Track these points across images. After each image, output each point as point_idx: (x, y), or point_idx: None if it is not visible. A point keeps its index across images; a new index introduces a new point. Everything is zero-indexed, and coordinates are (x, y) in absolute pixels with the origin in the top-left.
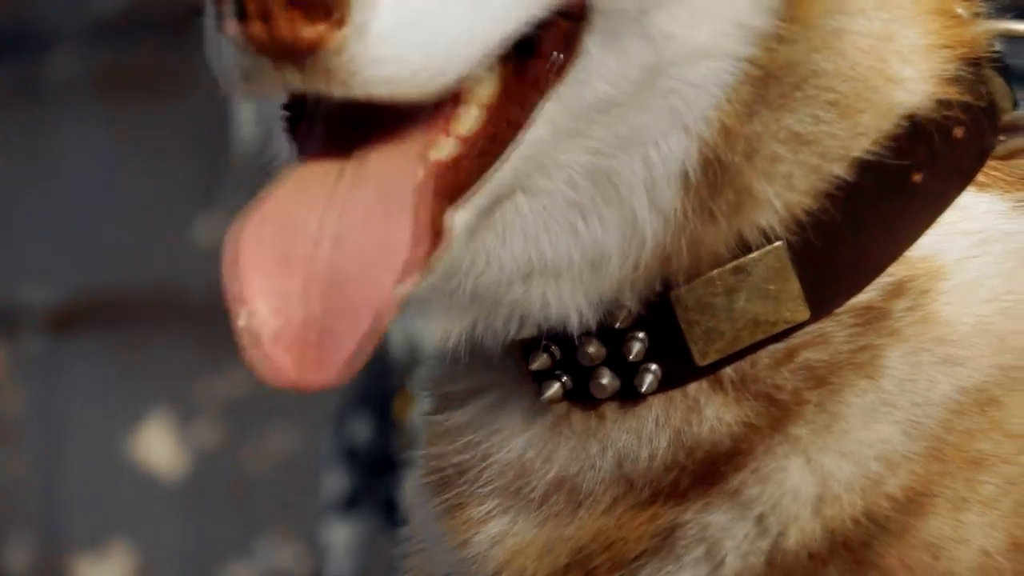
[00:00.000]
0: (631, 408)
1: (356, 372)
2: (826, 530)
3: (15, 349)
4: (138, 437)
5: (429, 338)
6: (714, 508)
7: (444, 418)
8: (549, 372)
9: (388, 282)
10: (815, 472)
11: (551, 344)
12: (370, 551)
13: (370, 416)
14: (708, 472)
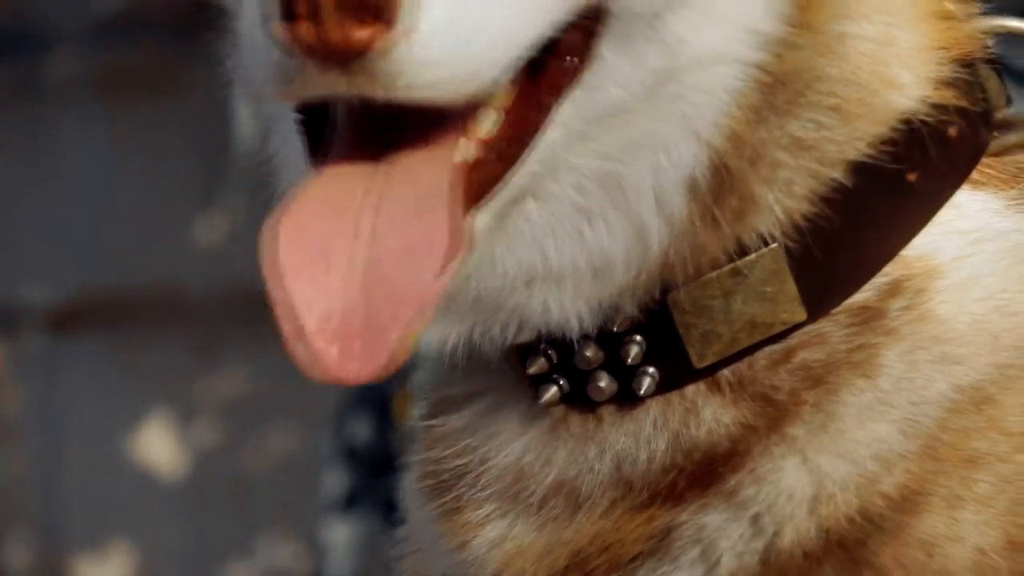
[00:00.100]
0: (629, 411)
1: (398, 366)
2: (821, 529)
3: (15, 348)
4: (138, 437)
5: (426, 341)
6: (710, 509)
7: (440, 422)
8: (546, 376)
9: (429, 276)
10: (811, 472)
11: (548, 348)
12: (370, 551)
13: (370, 416)
14: (705, 473)
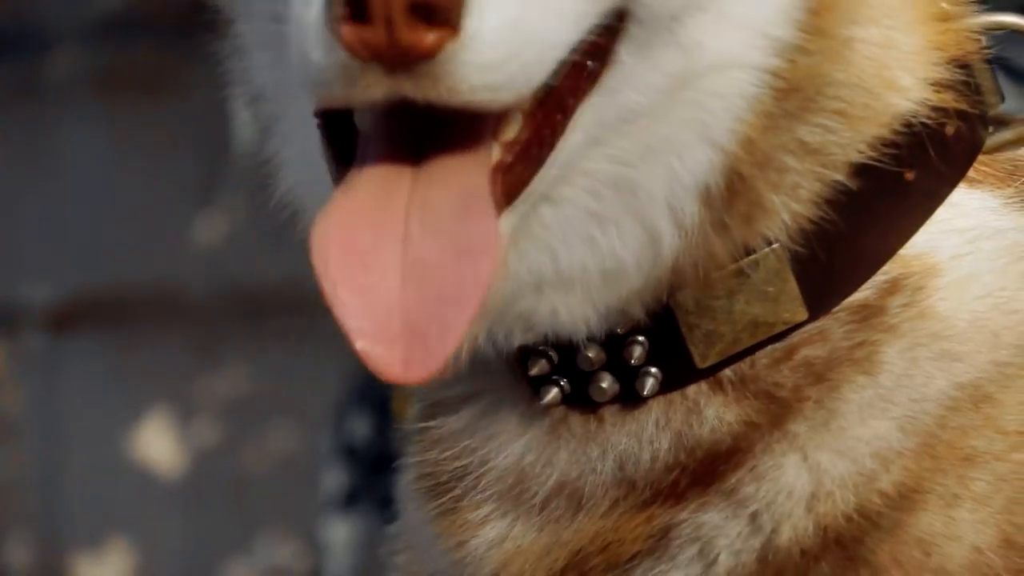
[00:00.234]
0: (630, 411)
1: (457, 364)
2: (818, 527)
3: (15, 348)
4: (138, 436)
5: None
6: (710, 507)
7: (438, 424)
8: (546, 377)
9: (485, 272)
10: (811, 469)
11: (549, 349)
12: (369, 549)
13: (369, 414)
14: (707, 471)
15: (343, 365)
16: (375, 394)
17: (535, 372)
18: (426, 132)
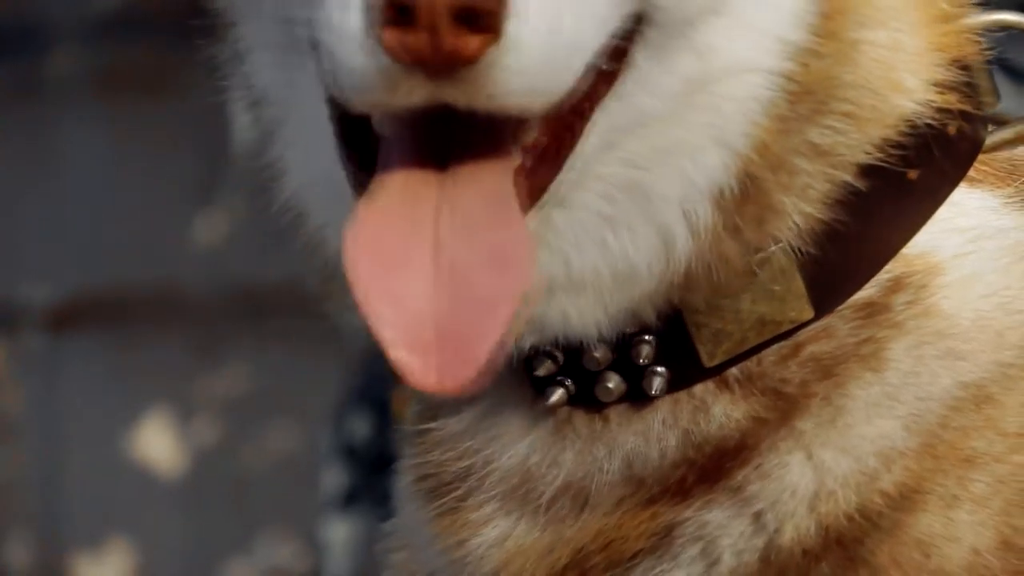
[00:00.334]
0: (636, 411)
1: (496, 371)
2: (820, 527)
3: (15, 347)
4: (137, 435)
5: None
6: (715, 505)
7: (439, 426)
8: (551, 377)
9: (518, 278)
10: (815, 468)
11: (556, 350)
12: (368, 548)
13: (369, 413)
14: (715, 468)
15: (343, 365)
16: (375, 394)
17: (541, 373)
18: (450, 137)
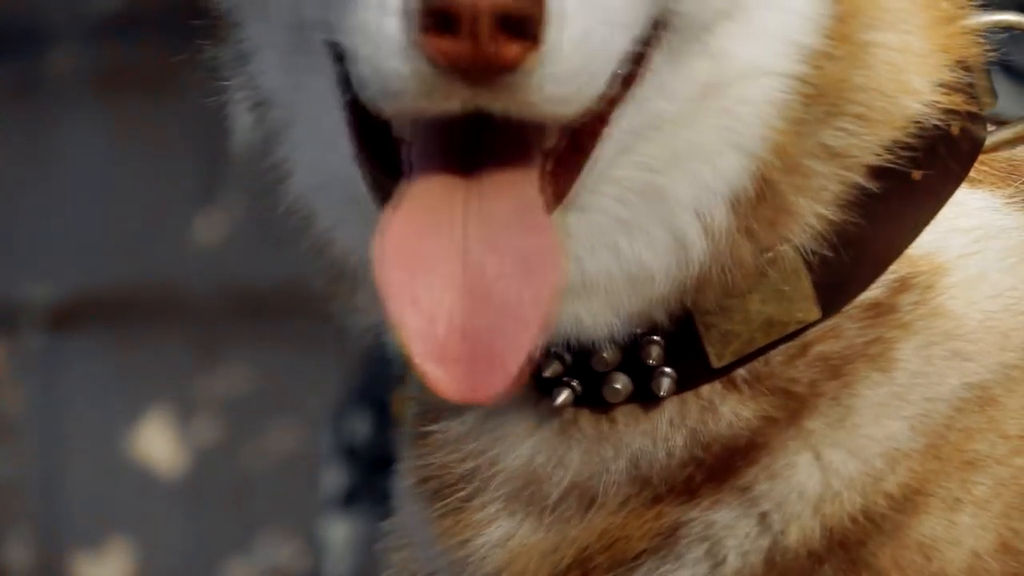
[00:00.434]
0: (643, 411)
1: (522, 381)
2: (824, 528)
3: (15, 346)
4: (137, 435)
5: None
6: (721, 506)
7: (442, 428)
8: (557, 378)
9: (549, 286)
10: (822, 469)
11: (564, 352)
12: (368, 548)
13: (369, 413)
14: (724, 467)
15: (343, 365)
16: (375, 394)
17: (548, 374)
18: (475, 142)
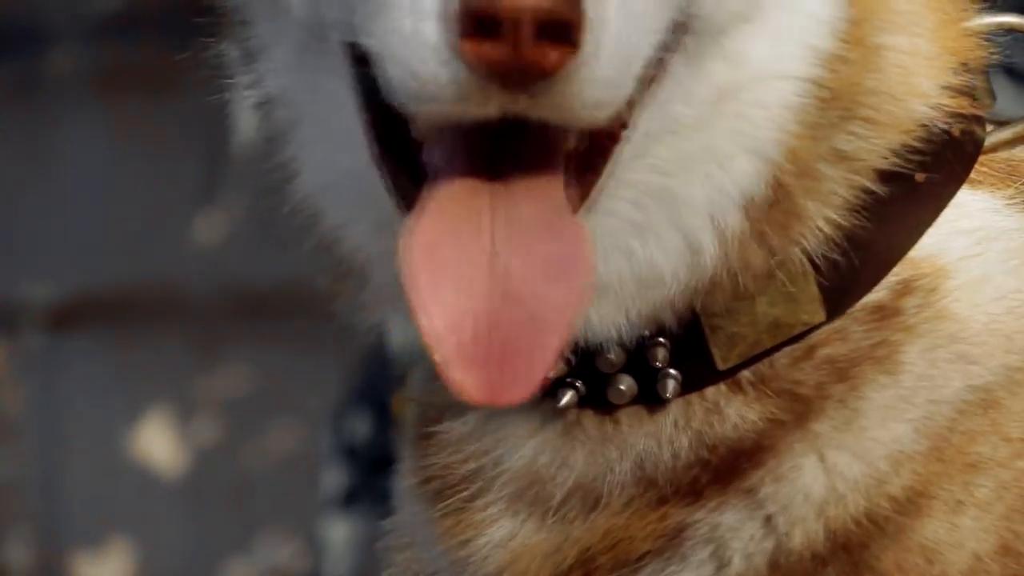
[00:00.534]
0: (647, 413)
1: (546, 383)
2: (828, 531)
3: (15, 346)
4: (137, 434)
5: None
6: (727, 507)
7: (445, 428)
8: (560, 379)
9: (576, 291)
10: (827, 472)
11: (570, 353)
12: (369, 548)
13: (369, 413)
14: (729, 468)
15: (343, 365)
16: (375, 394)
17: (553, 375)
18: (500, 146)
